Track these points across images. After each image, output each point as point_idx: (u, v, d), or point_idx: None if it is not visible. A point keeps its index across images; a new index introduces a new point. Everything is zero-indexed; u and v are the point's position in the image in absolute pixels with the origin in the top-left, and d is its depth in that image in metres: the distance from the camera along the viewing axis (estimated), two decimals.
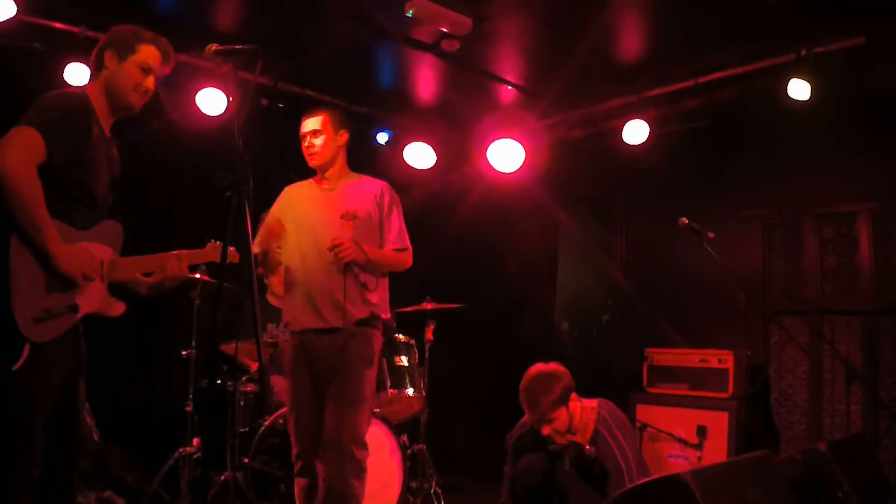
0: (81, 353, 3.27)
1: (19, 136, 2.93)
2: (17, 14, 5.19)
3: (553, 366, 4.59)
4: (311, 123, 4.54)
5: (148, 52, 3.38)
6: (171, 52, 3.47)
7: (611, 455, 4.35)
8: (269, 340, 5.61)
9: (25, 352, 2.88)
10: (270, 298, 6.43)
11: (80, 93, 3.28)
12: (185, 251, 3.63)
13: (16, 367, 2.86)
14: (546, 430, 4.41)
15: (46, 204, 2.94)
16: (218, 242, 3.83)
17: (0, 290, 2.86)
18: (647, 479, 3.18)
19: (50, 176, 2.98)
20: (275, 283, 6.35)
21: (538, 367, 4.59)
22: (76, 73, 5.70)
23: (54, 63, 5.67)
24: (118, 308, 3.36)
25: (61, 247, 2.98)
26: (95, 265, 3.17)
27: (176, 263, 3.53)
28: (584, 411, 4.51)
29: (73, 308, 3.10)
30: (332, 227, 4.41)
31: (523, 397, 4.49)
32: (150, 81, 3.40)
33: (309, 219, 4.48)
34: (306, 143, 4.54)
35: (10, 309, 2.85)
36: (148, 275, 3.56)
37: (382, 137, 7.45)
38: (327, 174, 4.61)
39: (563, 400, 4.41)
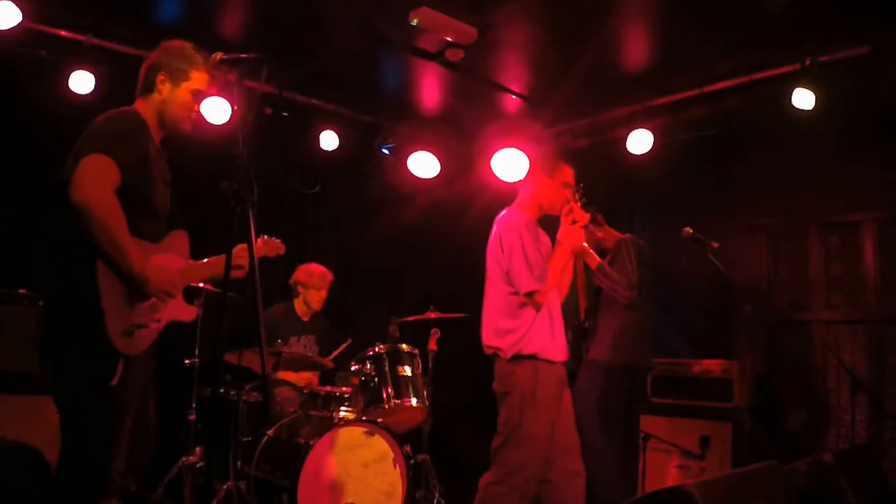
0: (153, 353, 3.41)
1: (95, 166, 3.03)
2: (22, 21, 5.20)
3: None
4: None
5: (200, 79, 3.45)
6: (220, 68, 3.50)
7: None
8: (273, 350, 5.60)
9: (120, 366, 3.00)
10: (301, 310, 6.45)
11: (134, 112, 3.37)
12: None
13: (114, 381, 2.99)
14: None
15: None
16: (270, 238, 4.18)
17: (94, 311, 2.96)
18: (651, 491, 3.16)
19: (121, 196, 3.06)
20: (317, 298, 6.40)
21: None
22: (81, 81, 5.71)
23: (60, 70, 5.69)
24: (191, 313, 3.56)
25: (144, 269, 3.09)
26: (176, 282, 3.28)
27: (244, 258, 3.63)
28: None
29: (158, 319, 3.26)
30: None
31: None
32: (198, 105, 3.50)
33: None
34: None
35: (105, 327, 2.96)
36: None
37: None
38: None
39: None
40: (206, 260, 3.59)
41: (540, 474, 4.33)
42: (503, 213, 4.70)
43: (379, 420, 5.20)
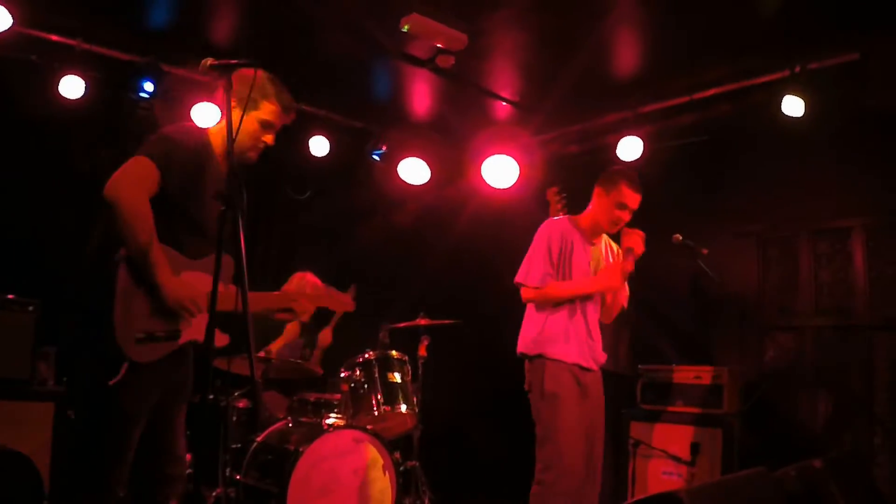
0: (182, 377, 3.37)
1: (135, 166, 3.08)
2: (13, 25, 5.19)
3: None
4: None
5: (269, 110, 3.47)
6: (293, 103, 3.56)
7: None
8: (263, 356, 5.58)
9: (123, 369, 2.98)
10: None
11: (199, 130, 3.40)
12: (304, 293, 3.84)
13: (111, 381, 2.96)
14: None
15: (159, 231, 3.06)
16: (333, 289, 3.99)
17: (105, 309, 2.98)
18: (642, 497, 3.17)
19: (162, 205, 3.08)
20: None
21: None
22: (71, 86, 5.70)
23: (50, 75, 5.68)
24: (220, 340, 3.41)
25: (168, 278, 3.07)
26: (200, 300, 3.21)
27: (300, 305, 3.76)
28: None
29: (174, 334, 3.20)
30: None
31: None
32: (269, 137, 3.52)
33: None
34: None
35: (112, 327, 2.96)
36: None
37: None
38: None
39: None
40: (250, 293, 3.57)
41: (580, 472, 4.42)
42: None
43: (368, 427, 5.19)
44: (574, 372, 4.57)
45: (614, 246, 4.95)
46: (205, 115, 6.06)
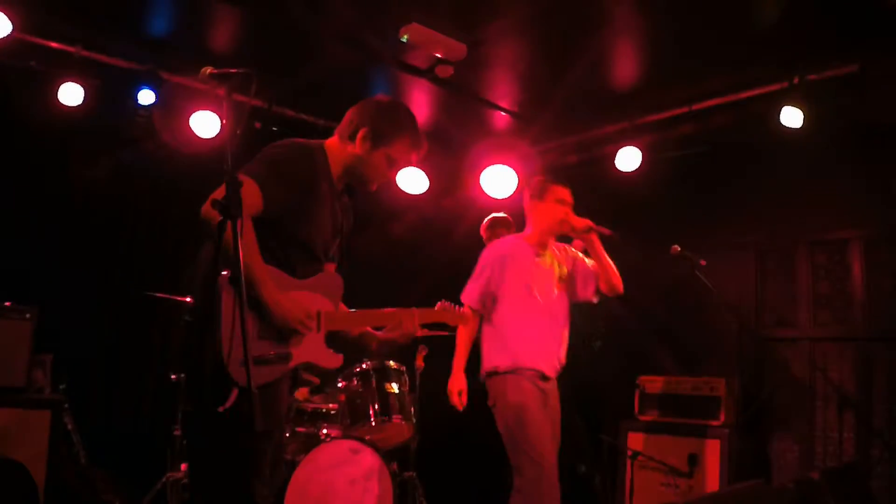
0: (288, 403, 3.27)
1: None
2: (12, 32, 5.19)
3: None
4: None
5: (400, 148, 3.37)
6: (425, 144, 3.46)
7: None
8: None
9: (233, 395, 2.82)
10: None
11: (311, 148, 3.29)
12: (418, 309, 3.61)
13: (221, 408, 2.82)
14: None
15: (266, 251, 2.97)
16: (448, 302, 3.86)
17: (211, 331, 2.86)
18: None
19: (268, 225, 3.00)
20: None
21: None
22: (70, 93, 5.70)
23: (49, 82, 5.68)
24: (334, 360, 3.32)
25: (275, 296, 2.96)
26: (312, 315, 3.15)
27: (410, 321, 3.53)
28: None
29: (285, 357, 3.08)
30: None
31: None
32: (393, 173, 3.46)
33: None
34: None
35: (220, 351, 2.83)
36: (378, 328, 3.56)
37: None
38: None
39: None
40: (359, 311, 3.47)
41: (555, 475, 4.44)
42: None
43: (366, 437, 5.18)
44: (534, 381, 4.62)
45: (571, 250, 5.00)
46: (204, 123, 6.07)
